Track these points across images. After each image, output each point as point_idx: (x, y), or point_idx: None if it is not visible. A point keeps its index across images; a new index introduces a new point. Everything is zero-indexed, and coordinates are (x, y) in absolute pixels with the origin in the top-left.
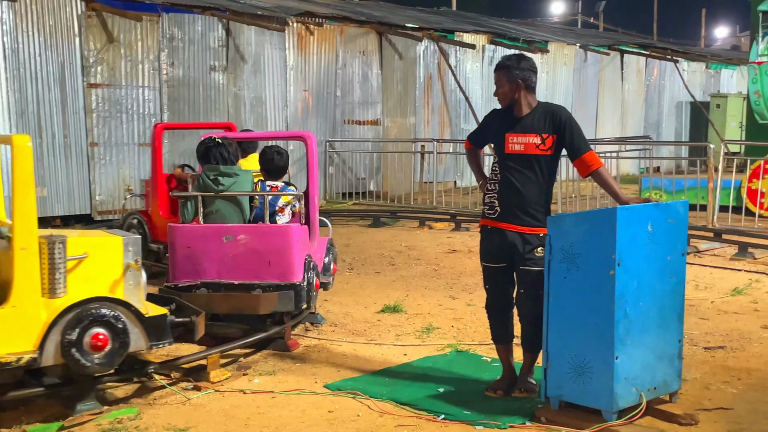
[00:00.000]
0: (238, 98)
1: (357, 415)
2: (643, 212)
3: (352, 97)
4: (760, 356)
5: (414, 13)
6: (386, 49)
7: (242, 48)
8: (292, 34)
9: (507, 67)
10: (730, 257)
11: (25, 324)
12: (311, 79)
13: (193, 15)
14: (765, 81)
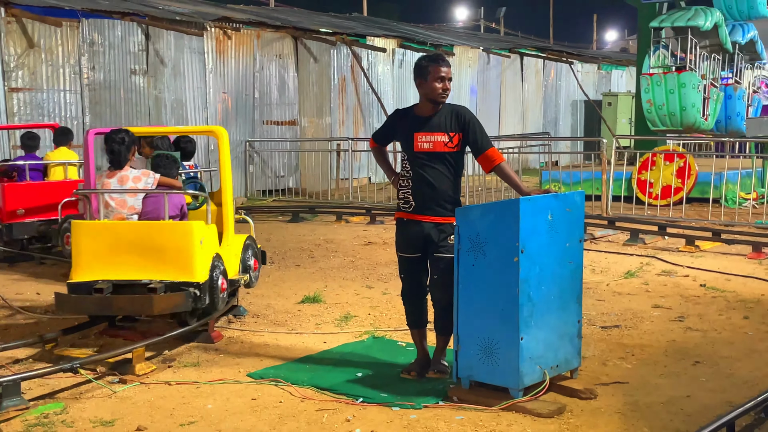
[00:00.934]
0: (159, 101)
1: (279, 402)
2: (544, 203)
3: (270, 98)
4: (651, 333)
5: (328, 18)
6: (302, 53)
7: (162, 52)
8: (211, 38)
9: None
10: (622, 243)
11: (233, 255)
12: (230, 81)
13: (113, 20)
14: (656, 91)
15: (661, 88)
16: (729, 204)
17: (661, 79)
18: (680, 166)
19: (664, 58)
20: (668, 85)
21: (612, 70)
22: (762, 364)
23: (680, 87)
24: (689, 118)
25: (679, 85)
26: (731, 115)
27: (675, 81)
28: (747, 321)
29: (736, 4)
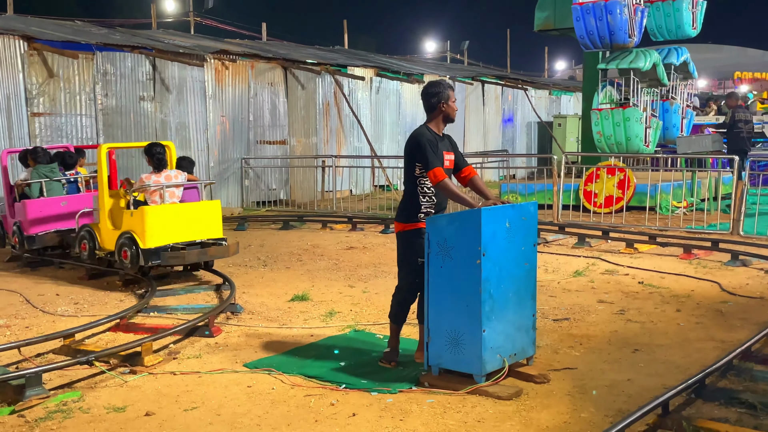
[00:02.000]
0: (165, 123)
1: (272, 389)
2: (502, 212)
3: (263, 121)
4: (596, 325)
5: (313, 50)
6: (290, 81)
7: (167, 81)
8: (210, 68)
9: None
10: (571, 246)
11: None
12: (227, 106)
13: (124, 53)
14: (604, 124)
15: (609, 121)
16: (663, 211)
17: (608, 114)
18: (620, 179)
19: (611, 94)
20: (615, 119)
21: (561, 95)
22: (692, 351)
23: (625, 120)
24: (633, 147)
25: (624, 119)
26: (668, 126)
27: (621, 115)
28: (679, 313)
29: (665, 24)
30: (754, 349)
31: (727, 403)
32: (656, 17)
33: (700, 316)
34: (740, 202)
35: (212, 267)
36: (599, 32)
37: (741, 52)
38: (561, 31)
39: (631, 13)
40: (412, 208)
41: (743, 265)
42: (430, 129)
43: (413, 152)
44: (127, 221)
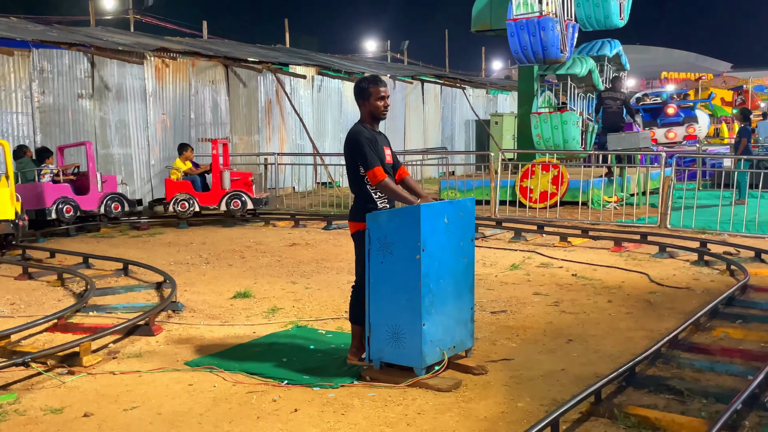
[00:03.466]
0: (104, 122)
1: (214, 386)
2: (441, 208)
3: (205, 119)
4: (532, 317)
5: (255, 49)
6: (232, 79)
7: (106, 78)
8: (150, 66)
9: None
10: (508, 240)
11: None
12: (168, 104)
13: (61, 50)
14: (543, 127)
15: (547, 124)
16: (595, 206)
17: (547, 118)
18: (555, 175)
19: (549, 98)
20: (553, 122)
21: (498, 94)
22: (623, 340)
23: (563, 124)
24: (570, 148)
25: (562, 122)
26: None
27: (559, 119)
28: (610, 304)
29: (594, 14)
30: (681, 337)
31: (656, 390)
32: (585, 7)
33: (630, 307)
34: (667, 196)
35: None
36: (533, 47)
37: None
38: (497, 31)
39: (563, 29)
40: (367, 207)
41: (670, 257)
42: (365, 126)
43: (353, 152)
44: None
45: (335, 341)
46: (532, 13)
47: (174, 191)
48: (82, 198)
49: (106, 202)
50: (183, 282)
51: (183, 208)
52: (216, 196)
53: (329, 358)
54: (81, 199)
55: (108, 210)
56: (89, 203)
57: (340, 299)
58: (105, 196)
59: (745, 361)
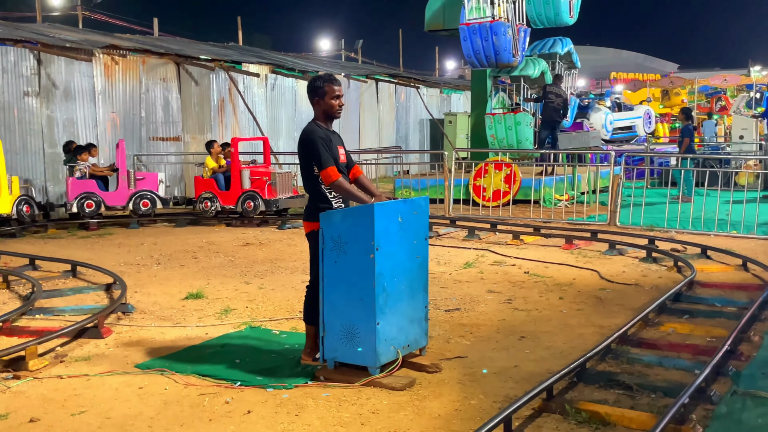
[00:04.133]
0: (52, 120)
1: (165, 389)
2: (395, 207)
3: (156, 117)
4: (485, 314)
5: (207, 47)
6: (184, 77)
7: (53, 76)
8: (99, 63)
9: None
10: (462, 238)
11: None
12: (118, 102)
13: (6, 47)
14: (497, 128)
15: (501, 125)
16: (546, 204)
17: (501, 118)
18: (507, 174)
19: (503, 100)
20: (507, 123)
21: (452, 93)
22: (574, 337)
23: (516, 125)
24: (523, 148)
25: (516, 123)
26: None
27: (512, 120)
28: (562, 301)
29: (545, 12)
30: (630, 333)
31: (606, 385)
32: (536, 5)
33: (581, 303)
34: (616, 194)
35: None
36: (485, 52)
37: (616, 53)
38: (450, 31)
39: (515, 34)
40: (321, 207)
41: (620, 254)
42: (319, 125)
43: (307, 151)
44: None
45: (289, 341)
46: (484, 18)
47: (200, 189)
48: (110, 194)
49: (135, 199)
50: (133, 283)
51: (206, 207)
52: (235, 195)
53: (283, 358)
54: (108, 195)
55: (136, 207)
56: (116, 200)
57: (294, 299)
58: (135, 193)
59: (692, 355)
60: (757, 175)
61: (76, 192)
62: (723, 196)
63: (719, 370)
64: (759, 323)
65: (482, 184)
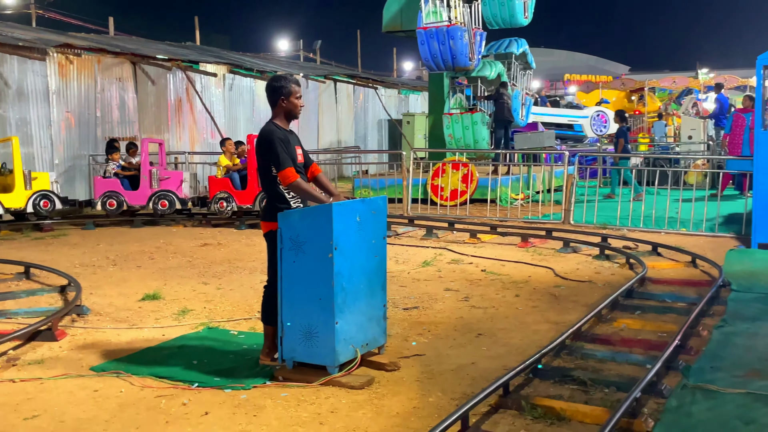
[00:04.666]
0: (4, 119)
1: (120, 391)
2: (353, 206)
3: (112, 117)
4: (443, 312)
5: (164, 46)
6: (140, 77)
7: (5, 75)
8: (53, 62)
9: None
10: (420, 237)
11: None
12: (73, 102)
13: None
14: (455, 127)
15: (459, 125)
16: (503, 203)
17: (458, 118)
18: (464, 173)
19: (460, 100)
20: (464, 122)
21: (409, 94)
22: (530, 333)
23: (473, 124)
24: (480, 148)
25: (473, 123)
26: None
27: (469, 120)
28: (518, 298)
29: (500, 13)
30: (584, 329)
31: (561, 381)
32: (491, 6)
33: (536, 300)
34: (570, 193)
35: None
36: (442, 55)
37: (569, 56)
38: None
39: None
40: (279, 207)
41: (574, 252)
42: (277, 125)
43: (265, 152)
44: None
45: (247, 342)
46: (441, 22)
47: (215, 189)
48: (132, 193)
49: (154, 198)
50: (89, 285)
51: (221, 207)
52: (252, 194)
53: (241, 359)
54: (132, 194)
55: (155, 206)
56: (138, 199)
57: (253, 299)
58: (155, 193)
59: (644, 350)
60: (705, 174)
61: (101, 190)
62: (673, 194)
63: (670, 365)
64: (707, 318)
65: (440, 183)
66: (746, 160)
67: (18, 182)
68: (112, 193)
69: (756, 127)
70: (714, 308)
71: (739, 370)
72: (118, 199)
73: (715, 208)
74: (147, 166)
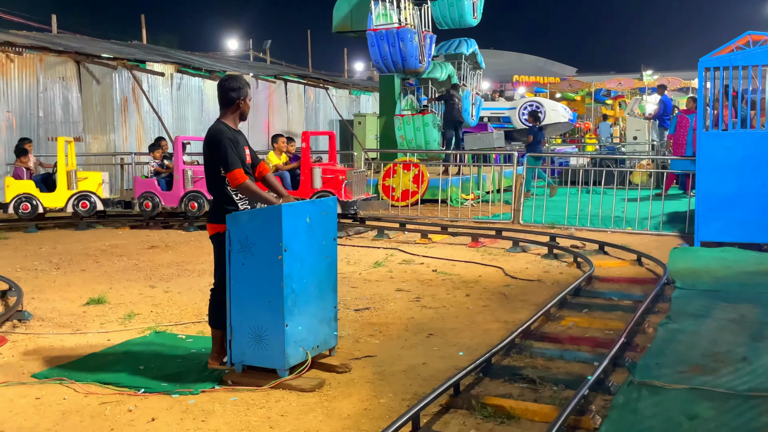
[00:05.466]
0: None
1: (64, 399)
2: (303, 208)
3: (55, 117)
4: (395, 313)
5: (109, 45)
6: (84, 76)
7: None
8: None
9: None
10: (371, 238)
11: None
12: (14, 101)
13: None
14: (406, 129)
15: (410, 126)
16: (453, 203)
17: (410, 120)
18: (415, 174)
19: (412, 102)
20: (416, 124)
21: (361, 94)
22: (480, 333)
23: (424, 126)
24: (431, 149)
25: (424, 124)
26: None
27: (420, 121)
28: (468, 298)
29: (449, 13)
30: (533, 327)
31: (510, 379)
32: (440, 7)
33: (486, 300)
34: (519, 193)
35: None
36: (392, 57)
37: (518, 57)
38: (358, 33)
39: (421, 40)
40: (227, 209)
41: (523, 251)
42: (227, 125)
43: (214, 152)
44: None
45: (196, 346)
46: (391, 24)
47: (141, 189)
48: (167, 194)
49: (185, 200)
50: (31, 289)
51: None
52: (304, 195)
53: (189, 363)
54: (166, 195)
55: (186, 208)
56: (171, 200)
57: (202, 303)
58: (186, 193)
59: (591, 348)
60: (650, 174)
61: (140, 191)
62: (619, 194)
63: (616, 362)
64: (653, 315)
65: (391, 184)
66: (689, 160)
67: (61, 182)
68: (149, 194)
69: (698, 128)
70: (659, 305)
71: (683, 366)
72: (154, 201)
73: (660, 207)
74: (181, 165)
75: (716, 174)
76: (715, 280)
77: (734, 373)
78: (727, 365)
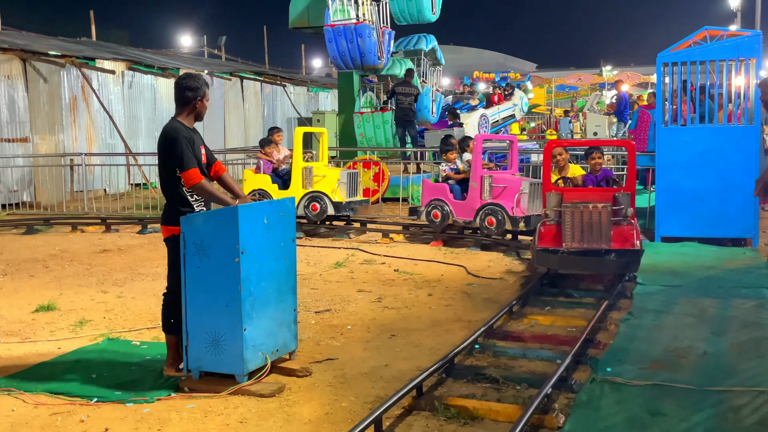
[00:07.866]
0: None
1: (12, 410)
2: (260, 208)
3: (0, 117)
4: (356, 314)
5: (57, 42)
6: (31, 74)
7: None
8: None
9: None
10: (332, 238)
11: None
12: None
13: None
14: (366, 126)
15: (370, 124)
16: (415, 202)
17: (369, 117)
18: (376, 172)
19: (371, 99)
20: (375, 121)
21: (319, 92)
22: (442, 333)
23: (384, 123)
24: (392, 147)
25: (383, 121)
26: (420, 108)
27: (380, 118)
28: (430, 297)
29: (408, 8)
30: (496, 326)
31: (474, 379)
32: (399, 2)
33: (449, 299)
34: None
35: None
36: (351, 54)
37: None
38: (315, 29)
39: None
40: (181, 211)
41: (485, 249)
42: (183, 124)
43: (169, 151)
44: None
45: (151, 353)
46: (348, 20)
47: (429, 196)
48: (460, 204)
49: (482, 214)
50: None
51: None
52: (471, 207)
53: (144, 370)
54: (459, 205)
55: (482, 224)
56: (465, 212)
57: (156, 308)
58: (483, 205)
59: (554, 345)
60: None
61: (428, 197)
62: None
63: (579, 359)
64: (615, 312)
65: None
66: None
67: None
68: (438, 202)
69: (657, 123)
70: (621, 302)
71: (645, 363)
72: (443, 210)
73: None
74: (479, 168)
75: (676, 169)
76: (676, 275)
77: (695, 369)
78: (688, 360)
